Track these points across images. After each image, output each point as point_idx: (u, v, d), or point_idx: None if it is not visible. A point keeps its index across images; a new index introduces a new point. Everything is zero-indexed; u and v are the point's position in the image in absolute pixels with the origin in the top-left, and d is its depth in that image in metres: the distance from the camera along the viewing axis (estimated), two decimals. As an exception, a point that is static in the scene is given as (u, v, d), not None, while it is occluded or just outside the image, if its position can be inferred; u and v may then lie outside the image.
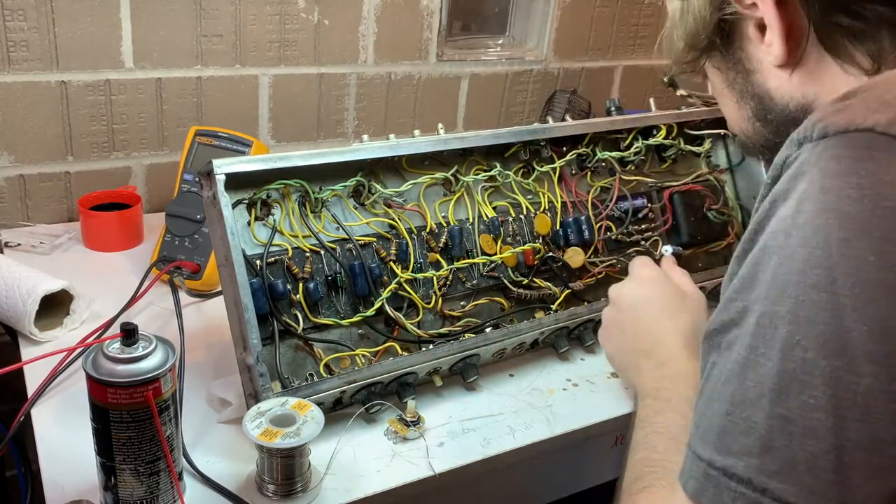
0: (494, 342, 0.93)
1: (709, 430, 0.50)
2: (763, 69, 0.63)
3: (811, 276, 0.45)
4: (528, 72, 1.71)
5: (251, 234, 0.86)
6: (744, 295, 0.50)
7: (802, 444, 0.44)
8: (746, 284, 0.50)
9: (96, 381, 0.65)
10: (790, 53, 0.59)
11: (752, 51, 0.63)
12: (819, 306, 0.45)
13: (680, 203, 1.17)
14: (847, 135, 0.47)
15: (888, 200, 0.44)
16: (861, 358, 0.43)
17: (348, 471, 0.79)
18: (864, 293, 0.44)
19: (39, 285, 0.95)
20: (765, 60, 0.62)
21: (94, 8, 1.23)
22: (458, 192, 1.00)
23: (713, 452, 0.49)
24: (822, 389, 0.44)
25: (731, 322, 0.51)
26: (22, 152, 1.26)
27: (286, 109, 1.46)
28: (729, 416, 0.48)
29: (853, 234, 0.44)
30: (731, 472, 0.47)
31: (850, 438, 0.43)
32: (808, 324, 0.45)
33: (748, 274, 0.50)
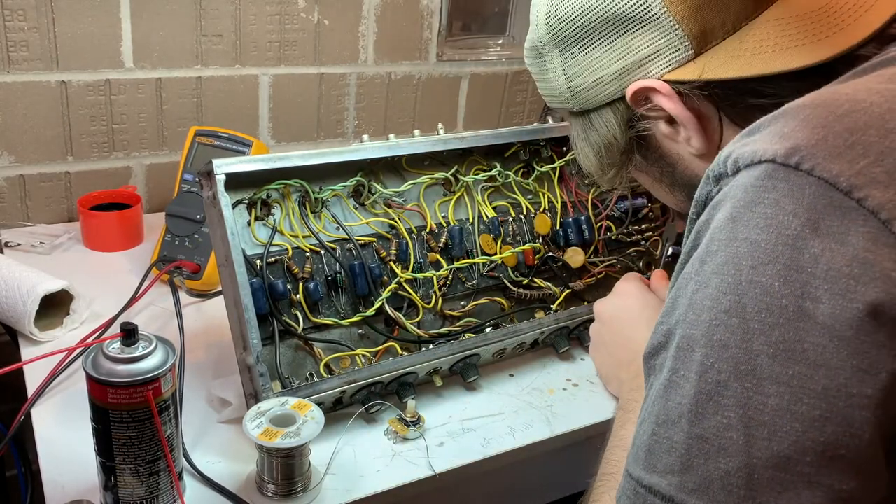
0: (494, 342, 0.93)
1: (639, 448, 0.52)
2: (685, 160, 0.67)
3: (723, 301, 0.48)
4: (528, 72, 1.70)
5: (251, 234, 0.86)
6: (667, 319, 0.53)
7: (717, 463, 0.46)
8: (669, 309, 0.53)
9: (96, 381, 0.65)
10: (709, 141, 0.64)
11: (670, 146, 0.67)
12: (730, 331, 0.47)
13: (680, 203, 1.17)
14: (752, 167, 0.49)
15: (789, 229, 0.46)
16: (767, 380, 0.45)
17: (348, 471, 0.79)
18: (770, 318, 0.46)
19: (39, 285, 0.95)
20: (684, 152, 0.66)
21: (94, 8, 1.23)
22: (458, 192, 1.00)
23: (641, 471, 0.51)
24: (734, 410, 0.46)
25: (659, 346, 0.53)
26: (22, 152, 1.26)
27: (286, 109, 1.46)
28: (654, 435, 0.50)
29: (760, 262, 0.46)
30: (656, 489, 0.49)
31: (759, 456, 0.45)
32: (720, 347, 0.47)
33: (672, 299, 0.53)
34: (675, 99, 0.62)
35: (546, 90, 0.74)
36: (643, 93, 0.64)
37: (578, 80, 0.68)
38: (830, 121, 0.49)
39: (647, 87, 0.63)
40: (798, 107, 0.51)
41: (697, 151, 0.64)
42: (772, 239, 0.46)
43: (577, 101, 0.69)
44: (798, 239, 0.46)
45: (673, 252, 1.11)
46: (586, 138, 0.72)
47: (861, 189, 0.45)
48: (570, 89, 0.69)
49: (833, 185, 0.46)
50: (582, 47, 0.67)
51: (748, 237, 0.47)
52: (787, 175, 0.47)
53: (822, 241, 0.45)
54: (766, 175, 0.48)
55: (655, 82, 0.62)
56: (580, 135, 0.72)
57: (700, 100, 0.62)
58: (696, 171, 0.67)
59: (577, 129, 0.73)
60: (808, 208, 0.46)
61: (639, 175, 0.74)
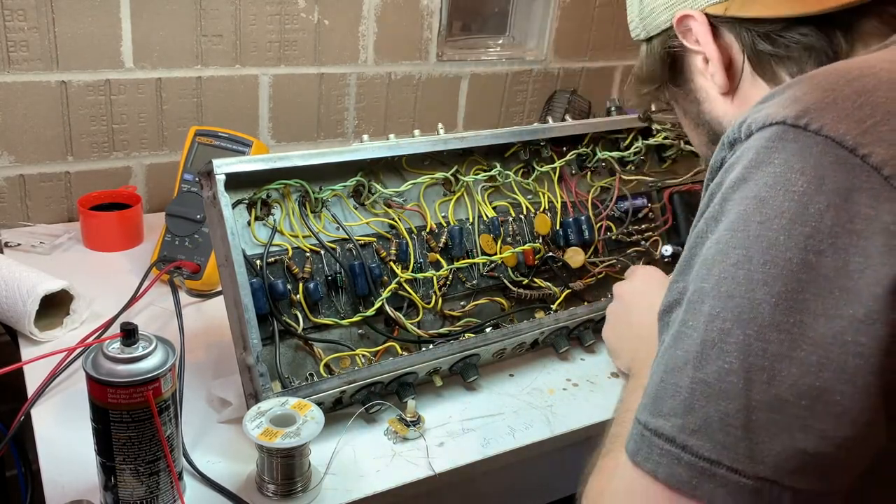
0: (494, 342, 0.93)
1: (647, 396, 0.54)
2: (711, 98, 0.71)
3: (732, 255, 0.50)
4: (528, 72, 1.71)
5: (251, 234, 0.86)
6: (682, 276, 0.56)
7: (717, 405, 0.49)
8: (684, 267, 0.56)
9: (96, 381, 0.65)
10: (730, 80, 0.67)
11: (701, 82, 0.71)
12: (736, 282, 0.50)
13: (680, 203, 1.17)
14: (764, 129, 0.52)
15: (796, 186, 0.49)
16: (769, 327, 0.48)
17: (348, 471, 0.79)
18: (773, 269, 0.48)
19: (39, 285, 0.95)
20: (711, 90, 0.70)
21: (94, 8, 1.23)
22: (458, 192, 1.00)
23: (647, 415, 0.53)
24: (735, 356, 0.49)
25: (674, 302, 0.56)
26: (22, 152, 1.26)
27: (286, 109, 1.46)
28: (662, 382, 0.53)
29: (767, 217, 0.49)
30: (660, 431, 0.51)
31: (757, 399, 0.48)
32: (727, 297, 0.50)
33: (686, 258, 0.56)
34: (707, 30, 0.66)
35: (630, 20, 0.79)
36: (685, 21, 0.68)
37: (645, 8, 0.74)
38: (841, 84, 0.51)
39: (687, 14, 0.67)
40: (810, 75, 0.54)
41: (720, 89, 0.68)
42: (779, 195, 0.49)
43: (644, 27, 0.75)
44: (804, 195, 0.48)
45: (673, 252, 1.11)
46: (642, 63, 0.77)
47: (866, 146, 0.48)
48: (641, 16, 0.75)
49: (839, 144, 0.48)
50: None
51: (757, 195, 0.50)
52: (796, 135, 0.50)
53: (827, 197, 0.48)
54: (776, 136, 0.51)
55: (695, 11, 0.67)
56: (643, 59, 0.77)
57: (729, 37, 0.66)
58: (718, 112, 0.71)
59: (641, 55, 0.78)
60: (815, 166, 0.48)
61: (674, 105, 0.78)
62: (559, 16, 1.69)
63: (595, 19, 1.74)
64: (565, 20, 1.70)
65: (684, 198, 1.17)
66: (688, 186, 1.18)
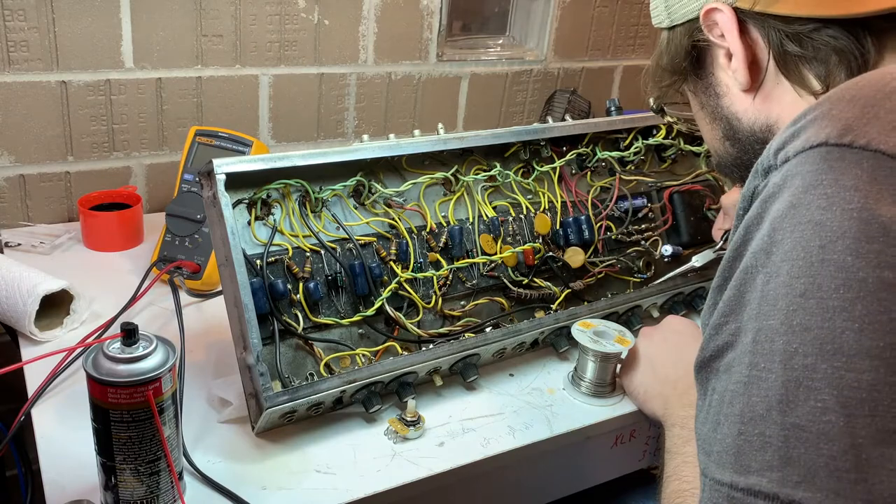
0: (494, 342, 0.93)
1: (723, 453, 0.50)
2: (731, 94, 0.70)
3: (797, 286, 0.47)
4: (528, 72, 1.71)
5: (251, 234, 0.86)
6: (734, 317, 0.52)
7: (819, 449, 0.45)
8: (734, 307, 0.52)
9: (96, 380, 0.65)
10: (753, 79, 0.66)
11: (722, 76, 0.70)
12: (809, 313, 0.47)
13: (680, 203, 1.17)
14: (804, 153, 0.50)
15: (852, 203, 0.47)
16: (858, 355, 0.45)
17: (348, 471, 0.79)
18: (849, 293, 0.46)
19: (39, 285, 0.95)
20: (732, 86, 0.69)
21: (94, 8, 1.23)
22: (458, 191, 1.00)
23: (733, 474, 0.49)
24: (827, 392, 0.45)
25: (725, 346, 0.53)
26: (22, 152, 1.26)
27: (286, 109, 1.46)
28: (742, 435, 0.49)
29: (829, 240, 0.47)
30: (756, 489, 0.47)
31: (863, 435, 0.44)
32: (802, 331, 0.47)
33: (734, 297, 0.52)
34: (734, 25, 0.65)
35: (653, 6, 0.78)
36: (712, 14, 0.66)
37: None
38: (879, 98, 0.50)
39: (715, 7, 0.66)
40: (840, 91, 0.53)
41: (741, 85, 0.67)
42: (836, 216, 0.47)
43: (668, 14, 0.73)
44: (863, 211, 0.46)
45: (673, 252, 1.11)
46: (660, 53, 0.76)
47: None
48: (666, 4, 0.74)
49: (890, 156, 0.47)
50: None
51: (811, 219, 0.48)
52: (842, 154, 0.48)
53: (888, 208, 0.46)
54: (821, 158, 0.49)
55: (722, 5, 0.65)
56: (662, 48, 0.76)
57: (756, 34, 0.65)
58: (737, 108, 0.70)
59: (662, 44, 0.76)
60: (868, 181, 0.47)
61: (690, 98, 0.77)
62: (559, 16, 1.69)
63: (595, 19, 1.74)
64: (565, 20, 1.70)
65: (684, 198, 1.17)
66: (688, 186, 1.18)
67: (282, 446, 0.81)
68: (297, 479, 0.77)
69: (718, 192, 1.22)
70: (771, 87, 0.66)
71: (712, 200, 1.20)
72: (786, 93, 0.65)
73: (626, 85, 1.86)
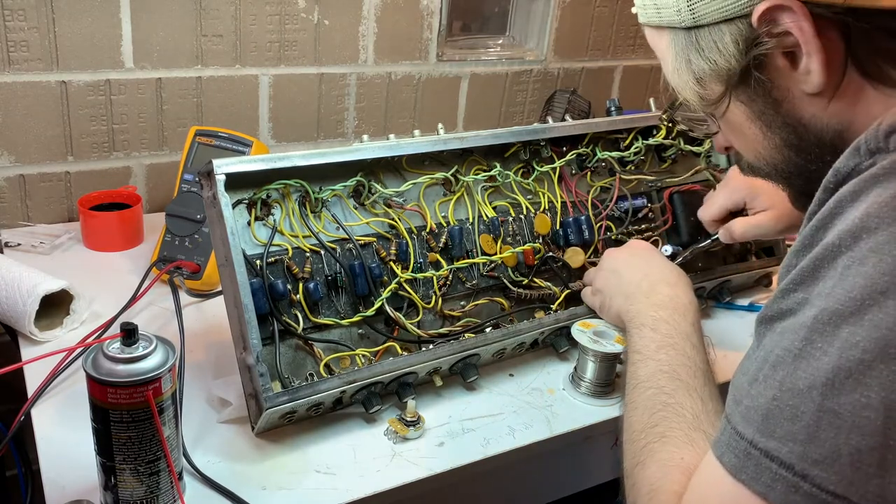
0: (494, 342, 0.93)
1: (752, 409, 0.51)
2: (793, 97, 0.61)
3: (880, 282, 0.47)
4: (528, 72, 1.71)
5: (251, 234, 0.86)
6: (804, 288, 0.51)
7: (848, 438, 0.46)
8: (807, 278, 0.51)
9: (96, 381, 0.65)
10: (829, 81, 0.57)
11: (780, 80, 0.60)
12: (885, 312, 0.46)
13: (680, 203, 1.17)
14: None
15: None
16: None
17: (348, 471, 0.79)
18: None
19: (39, 285, 0.95)
20: (794, 89, 0.60)
21: (94, 8, 1.23)
22: (458, 192, 1.00)
23: (756, 433, 0.50)
24: (875, 390, 0.46)
25: (787, 311, 0.52)
26: (22, 152, 1.26)
27: (286, 109, 1.46)
28: (776, 400, 0.50)
29: None
30: (774, 455, 0.49)
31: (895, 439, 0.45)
32: (871, 327, 0.46)
33: (810, 268, 0.51)
34: (809, 24, 0.55)
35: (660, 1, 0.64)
36: (774, 12, 0.56)
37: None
38: None
39: (782, 4, 0.55)
40: None
41: (813, 89, 0.58)
42: None
43: (693, 13, 0.61)
44: None
45: (673, 252, 1.11)
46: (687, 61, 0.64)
47: None
48: None
49: None
50: None
51: None
52: None
53: None
54: None
55: (793, 2, 0.55)
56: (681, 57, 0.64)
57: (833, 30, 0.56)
58: (802, 114, 0.61)
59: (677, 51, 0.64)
60: None
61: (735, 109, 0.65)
62: (559, 16, 1.69)
63: (595, 19, 1.74)
64: (565, 20, 1.70)
65: (684, 198, 1.17)
66: (688, 186, 1.18)
67: (282, 446, 0.81)
68: (297, 479, 0.77)
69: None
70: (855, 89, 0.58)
71: (712, 200, 1.20)
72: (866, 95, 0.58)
73: (626, 85, 1.86)
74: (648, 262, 0.90)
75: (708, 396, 0.68)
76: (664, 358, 0.72)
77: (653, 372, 0.71)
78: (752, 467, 0.50)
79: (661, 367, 0.71)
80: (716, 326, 1.12)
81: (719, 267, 1.16)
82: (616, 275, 0.92)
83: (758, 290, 1.23)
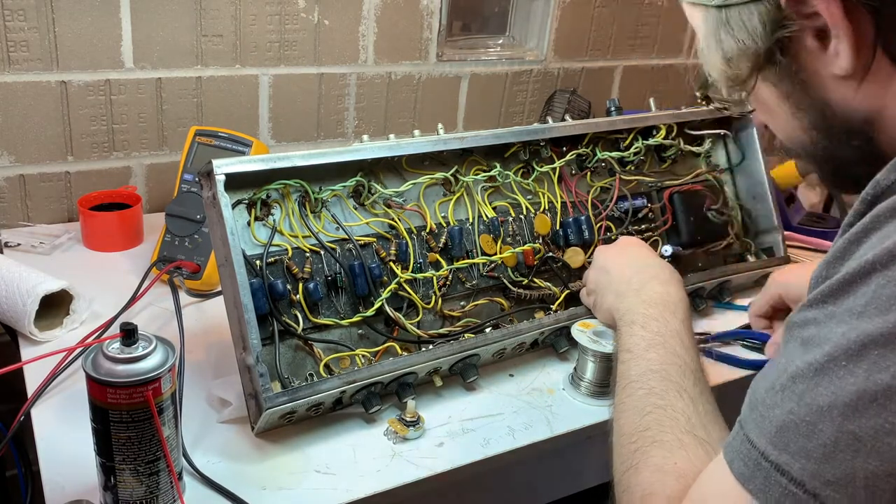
0: (494, 342, 0.93)
1: (767, 419, 0.50)
2: (821, 79, 0.60)
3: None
4: (528, 72, 1.71)
5: (251, 234, 0.86)
6: (833, 300, 0.50)
7: (866, 463, 0.45)
8: (840, 292, 0.50)
9: (96, 381, 0.65)
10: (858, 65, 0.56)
11: (809, 61, 0.59)
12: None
13: (680, 203, 1.17)
14: None
15: None
16: None
17: (348, 471, 0.79)
18: None
19: (39, 285, 0.95)
20: (823, 71, 0.59)
21: (94, 8, 1.23)
22: (457, 192, 1.00)
23: (768, 445, 0.49)
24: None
25: (812, 321, 0.51)
26: (22, 152, 1.26)
27: (286, 109, 1.46)
28: (792, 414, 0.49)
29: None
30: (785, 469, 0.48)
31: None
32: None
33: (844, 281, 0.50)
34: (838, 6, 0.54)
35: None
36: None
37: None
38: None
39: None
40: None
41: (842, 71, 0.57)
42: None
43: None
44: None
45: (673, 252, 1.11)
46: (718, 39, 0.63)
47: None
48: None
49: None
50: None
51: None
52: None
53: None
54: None
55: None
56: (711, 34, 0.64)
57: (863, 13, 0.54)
58: (830, 96, 0.60)
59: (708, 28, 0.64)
60: None
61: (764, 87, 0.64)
62: (559, 16, 1.69)
63: (595, 19, 1.74)
64: (565, 20, 1.70)
65: (684, 198, 1.17)
66: (688, 186, 1.18)
67: (282, 446, 0.81)
68: (297, 479, 0.77)
69: (718, 192, 1.22)
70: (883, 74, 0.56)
71: (712, 200, 1.20)
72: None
73: (626, 85, 1.86)
74: (639, 258, 0.90)
75: (698, 397, 0.67)
76: (654, 357, 0.72)
77: (643, 371, 0.71)
78: (762, 479, 0.49)
79: (651, 366, 0.71)
80: (716, 326, 1.12)
81: (719, 267, 1.16)
82: (606, 272, 0.91)
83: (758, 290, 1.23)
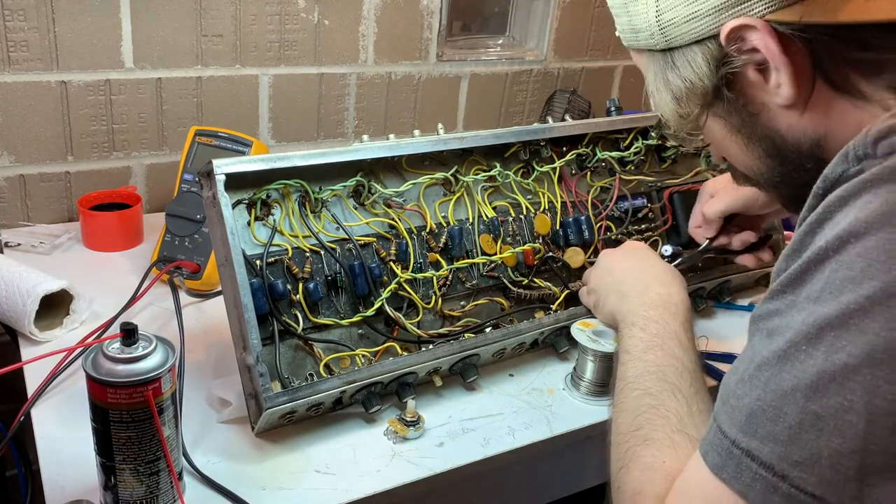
0: (494, 342, 0.93)
1: (737, 409, 0.52)
2: (767, 110, 0.63)
3: (866, 286, 0.47)
4: (528, 72, 1.71)
5: (251, 234, 0.86)
6: (792, 290, 0.52)
7: (830, 441, 0.47)
8: (797, 281, 0.52)
9: (96, 381, 0.65)
10: (799, 93, 0.59)
11: (755, 94, 0.62)
12: (871, 317, 0.46)
13: (680, 203, 1.17)
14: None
15: None
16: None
17: (348, 471, 0.79)
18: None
19: (39, 285, 0.95)
20: (768, 102, 0.62)
21: (94, 8, 1.23)
22: (458, 192, 1.00)
23: (738, 432, 0.51)
24: (859, 394, 0.46)
25: (775, 312, 0.53)
26: (22, 152, 1.26)
27: (286, 109, 1.46)
28: (759, 401, 0.50)
29: None
30: (754, 454, 0.49)
31: (877, 444, 0.46)
32: (857, 332, 0.47)
33: (800, 271, 0.52)
34: (774, 41, 0.57)
35: (627, 26, 0.68)
36: (739, 31, 0.59)
37: (670, 14, 0.63)
38: None
39: (745, 24, 0.58)
40: None
41: (785, 101, 0.60)
42: None
43: (665, 36, 0.64)
44: None
45: (673, 252, 1.11)
46: (665, 81, 0.67)
47: None
48: (660, 23, 0.64)
49: None
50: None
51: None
52: None
53: None
54: None
55: (755, 21, 0.57)
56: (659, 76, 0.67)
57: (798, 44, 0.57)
58: (777, 125, 0.63)
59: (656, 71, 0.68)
60: None
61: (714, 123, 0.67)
62: (559, 16, 1.69)
63: (595, 19, 1.74)
64: (565, 20, 1.70)
65: (684, 198, 1.17)
66: (688, 186, 1.18)
67: (282, 446, 0.81)
68: (297, 479, 0.77)
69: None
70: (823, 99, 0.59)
71: (712, 200, 1.20)
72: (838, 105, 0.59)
73: (626, 85, 1.86)
74: (643, 261, 0.91)
75: (693, 396, 0.68)
76: (652, 358, 0.73)
77: (640, 373, 0.72)
78: (734, 466, 0.50)
79: (648, 367, 0.72)
80: (716, 326, 1.12)
81: (719, 267, 1.16)
82: (610, 274, 0.92)
83: (758, 290, 1.23)
